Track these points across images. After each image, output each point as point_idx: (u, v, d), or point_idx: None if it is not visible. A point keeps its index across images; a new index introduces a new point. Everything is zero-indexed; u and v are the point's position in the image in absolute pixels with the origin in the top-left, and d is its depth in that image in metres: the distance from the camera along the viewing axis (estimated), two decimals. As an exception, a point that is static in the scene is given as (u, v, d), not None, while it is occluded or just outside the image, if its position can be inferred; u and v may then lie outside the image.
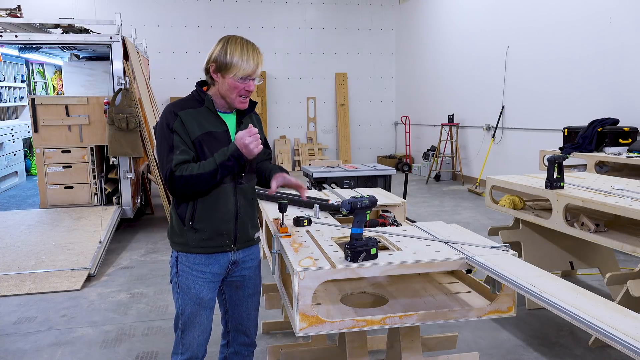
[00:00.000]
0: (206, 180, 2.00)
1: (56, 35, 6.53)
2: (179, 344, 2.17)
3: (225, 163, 1.99)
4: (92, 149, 6.59)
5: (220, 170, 1.99)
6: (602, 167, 5.70)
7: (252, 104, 2.18)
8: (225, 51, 2.03)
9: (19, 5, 7.22)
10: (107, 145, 6.31)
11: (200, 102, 2.10)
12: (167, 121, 2.05)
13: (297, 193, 2.45)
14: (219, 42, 2.08)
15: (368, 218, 2.07)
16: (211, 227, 2.09)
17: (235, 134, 2.06)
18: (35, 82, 11.64)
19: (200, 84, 2.16)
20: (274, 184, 2.24)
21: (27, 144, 10.73)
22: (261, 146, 2.04)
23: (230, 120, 2.15)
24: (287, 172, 2.31)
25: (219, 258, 2.14)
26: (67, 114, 6.51)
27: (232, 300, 2.28)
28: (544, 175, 3.71)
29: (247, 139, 1.98)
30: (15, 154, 9.53)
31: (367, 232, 2.41)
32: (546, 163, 3.82)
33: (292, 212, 2.89)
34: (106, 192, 6.68)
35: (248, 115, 2.21)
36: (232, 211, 2.13)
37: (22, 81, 11.07)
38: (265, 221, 2.97)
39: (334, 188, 4.34)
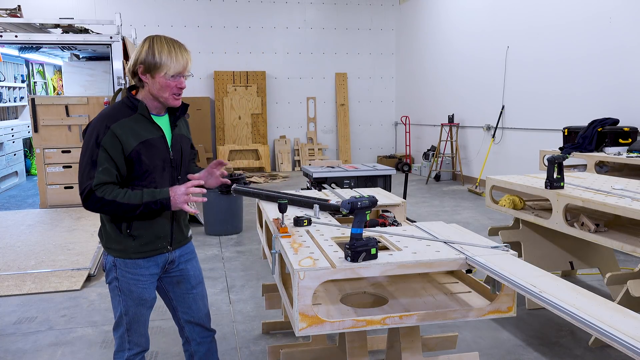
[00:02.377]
0: (125, 211, 2.00)
1: (56, 35, 6.54)
2: (125, 341, 2.22)
3: (150, 204, 2.00)
4: (92, 149, 6.57)
5: (143, 208, 1.99)
6: (602, 167, 5.70)
7: (185, 105, 2.18)
8: (153, 51, 1.99)
9: (19, 5, 7.22)
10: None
11: (133, 108, 2.05)
12: (96, 134, 1.99)
13: (296, 193, 2.47)
14: (143, 43, 2.03)
15: (368, 218, 2.07)
16: (150, 233, 2.13)
17: (171, 137, 2.13)
18: (35, 82, 11.65)
19: (130, 89, 2.13)
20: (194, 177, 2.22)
21: (27, 144, 10.73)
22: (191, 208, 2.06)
23: (164, 123, 2.15)
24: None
25: (156, 260, 2.19)
26: (67, 114, 6.52)
27: (176, 297, 2.32)
28: (544, 175, 3.71)
29: (181, 198, 2.02)
30: (15, 154, 9.53)
31: (367, 232, 2.41)
32: (546, 163, 3.82)
33: (292, 212, 2.89)
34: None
35: (181, 117, 2.21)
36: (169, 214, 2.17)
37: (22, 81, 11.07)
38: (265, 221, 2.96)
39: (334, 188, 4.34)
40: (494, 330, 3.53)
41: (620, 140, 5.75)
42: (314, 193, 3.54)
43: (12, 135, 9.43)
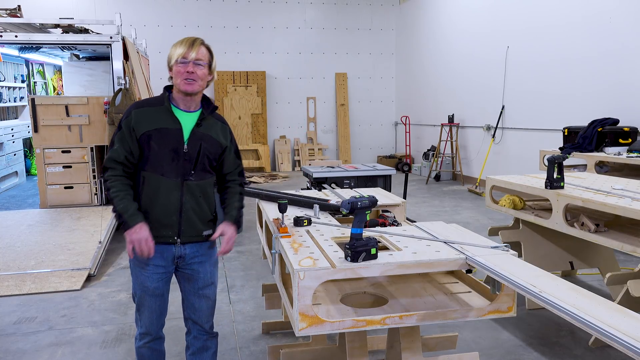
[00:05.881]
0: (111, 201, 2.26)
1: (56, 35, 6.53)
2: (138, 319, 2.41)
3: (120, 215, 2.21)
4: (92, 149, 6.59)
5: (116, 211, 2.23)
6: (602, 167, 5.70)
7: (210, 104, 2.32)
8: (170, 52, 2.24)
9: (19, 5, 7.22)
10: (107, 145, 6.31)
11: (162, 101, 2.27)
12: (122, 117, 2.28)
13: (296, 193, 2.49)
14: None
15: (368, 218, 2.08)
16: (153, 218, 2.24)
17: (190, 132, 2.24)
18: (35, 82, 11.65)
19: (169, 86, 2.33)
20: (217, 232, 2.35)
21: (27, 144, 10.73)
22: (131, 251, 2.21)
23: (188, 119, 2.27)
24: (236, 222, 2.39)
25: (162, 251, 2.28)
26: (67, 114, 6.52)
27: (185, 291, 2.42)
28: (544, 175, 3.71)
29: (134, 237, 2.17)
30: (15, 154, 9.53)
31: (367, 232, 2.41)
32: (546, 163, 3.82)
33: (292, 212, 2.89)
34: (106, 192, 6.69)
35: (210, 118, 2.32)
36: (175, 205, 2.25)
37: (22, 81, 11.07)
38: (265, 221, 2.96)
39: (334, 188, 4.34)
40: (494, 330, 3.53)
41: (620, 140, 5.75)
42: (314, 193, 3.54)
43: (12, 135, 9.43)
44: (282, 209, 2.50)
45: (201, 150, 2.26)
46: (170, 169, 2.23)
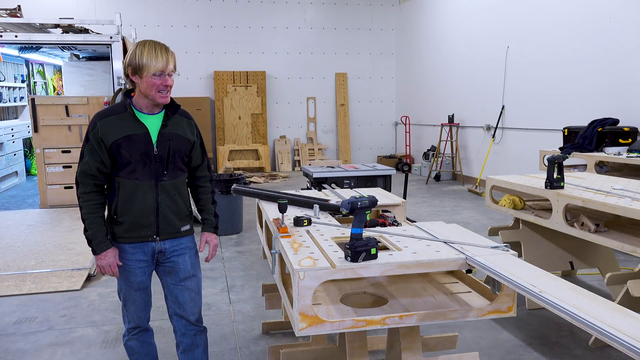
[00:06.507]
0: (82, 220, 2.30)
1: (56, 35, 6.54)
2: (125, 314, 2.47)
3: (88, 240, 2.28)
4: (92, 149, 6.58)
5: (85, 235, 2.28)
6: (602, 167, 5.70)
7: (175, 105, 2.35)
8: (135, 54, 2.20)
9: (19, 5, 7.22)
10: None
11: (124, 107, 2.28)
12: (89, 129, 2.29)
13: (296, 193, 2.50)
14: (132, 48, 2.25)
15: (368, 218, 2.08)
16: (131, 220, 2.30)
17: (157, 135, 2.27)
18: (35, 82, 11.65)
19: (129, 90, 2.34)
20: (202, 242, 2.51)
21: (27, 144, 10.73)
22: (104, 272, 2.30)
23: (153, 121, 2.30)
24: (215, 229, 2.55)
25: (142, 247, 2.34)
26: (67, 114, 6.52)
27: (167, 286, 2.46)
28: (544, 175, 3.71)
29: (103, 262, 2.27)
30: (15, 154, 9.53)
31: (367, 232, 2.41)
32: (546, 163, 3.82)
33: (292, 212, 2.89)
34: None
35: (175, 115, 2.36)
36: (152, 205, 2.30)
37: (22, 81, 11.07)
38: (265, 221, 2.96)
39: (334, 188, 4.34)
40: (494, 330, 3.53)
41: (620, 140, 5.75)
42: (314, 193, 3.54)
43: (12, 135, 9.43)
44: (282, 209, 2.50)
45: (171, 150, 2.31)
46: (144, 173, 2.27)
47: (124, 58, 6.38)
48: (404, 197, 5.66)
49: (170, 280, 2.43)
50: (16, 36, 6.20)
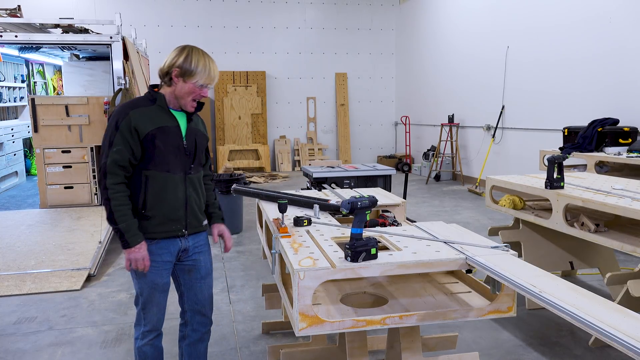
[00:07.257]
0: (108, 214, 2.21)
1: (56, 35, 6.53)
2: (141, 317, 2.42)
3: (119, 231, 2.19)
4: (92, 149, 6.59)
5: (114, 227, 2.21)
6: (602, 167, 5.70)
7: (200, 104, 2.39)
8: (190, 60, 2.25)
9: (19, 5, 7.22)
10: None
11: (152, 101, 2.30)
12: (117, 118, 2.24)
13: (296, 193, 2.51)
14: (182, 51, 2.29)
15: (368, 218, 2.08)
16: (162, 214, 2.29)
17: (186, 129, 2.33)
18: (35, 82, 11.65)
19: (152, 86, 2.37)
20: (215, 234, 2.58)
21: (27, 144, 10.73)
22: (129, 267, 2.27)
23: (180, 117, 2.35)
24: (223, 220, 2.64)
25: (169, 247, 2.34)
26: (67, 114, 6.51)
27: (186, 284, 2.48)
28: (544, 175, 3.71)
29: (133, 256, 2.22)
30: (15, 154, 9.53)
31: (367, 232, 2.41)
32: (546, 163, 3.82)
33: (292, 212, 2.89)
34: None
35: (194, 115, 2.42)
36: (182, 199, 2.33)
37: (22, 81, 11.07)
38: (265, 221, 2.96)
39: (334, 188, 4.34)
40: (494, 330, 3.53)
41: (620, 140, 5.75)
42: (314, 193, 3.54)
43: (12, 135, 9.43)
44: (282, 209, 2.50)
45: (197, 145, 2.38)
46: (175, 165, 2.30)
47: (124, 58, 6.40)
48: (404, 197, 5.66)
49: (190, 279, 2.46)
50: (16, 36, 6.19)
